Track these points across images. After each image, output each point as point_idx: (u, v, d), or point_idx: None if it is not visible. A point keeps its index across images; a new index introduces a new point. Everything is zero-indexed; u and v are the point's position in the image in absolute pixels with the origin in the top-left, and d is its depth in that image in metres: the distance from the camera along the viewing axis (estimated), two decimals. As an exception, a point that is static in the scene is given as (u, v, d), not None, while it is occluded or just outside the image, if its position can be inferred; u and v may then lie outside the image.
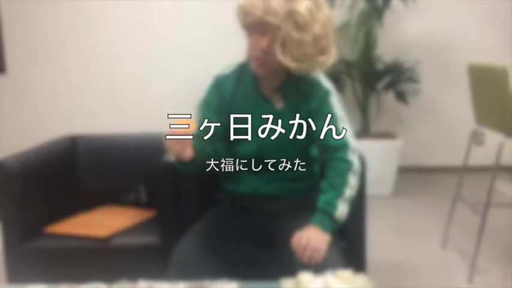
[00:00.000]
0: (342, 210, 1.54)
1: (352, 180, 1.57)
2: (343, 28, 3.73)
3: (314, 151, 1.75)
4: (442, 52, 4.26)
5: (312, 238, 1.46)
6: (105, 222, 2.11)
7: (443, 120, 4.37)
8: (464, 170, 2.84)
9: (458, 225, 3.05)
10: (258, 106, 1.64)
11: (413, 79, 3.81)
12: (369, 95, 3.93)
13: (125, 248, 1.95)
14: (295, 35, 1.46)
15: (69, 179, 2.36)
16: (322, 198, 1.55)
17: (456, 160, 3.61)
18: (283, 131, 1.62)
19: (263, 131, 1.63)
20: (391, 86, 3.89)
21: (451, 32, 4.23)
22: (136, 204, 2.28)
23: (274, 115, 1.63)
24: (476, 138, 2.76)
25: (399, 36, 4.22)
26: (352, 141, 1.61)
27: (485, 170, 3.82)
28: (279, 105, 1.63)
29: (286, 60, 1.50)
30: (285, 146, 1.64)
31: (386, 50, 4.03)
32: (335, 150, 1.58)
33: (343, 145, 1.58)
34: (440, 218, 3.19)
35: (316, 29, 1.47)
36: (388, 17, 3.92)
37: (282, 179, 1.68)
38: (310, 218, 1.55)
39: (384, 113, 4.18)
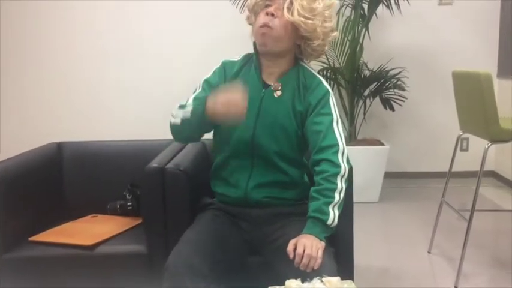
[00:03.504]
0: (333, 215, 1.53)
1: (341, 184, 1.56)
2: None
3: (303, 159, 1.75)
4: (427, 59, 4.30)
5: (307, 245, 1.44)
6: (90, 230, 2.08)
7: (429, 127, 4.41)
8: (450, 176, 2.86)
9: (444, 230, 3.07)
10: (257, 90, 1.67)
11: (399, 86, 3.84)
12: (356, 102, 3.95)
13: (110, 256, 1.92)
14: None
15: (55, 187, 2.33)
16: (313, 206, 1.54)
17: (441, 166, 3.65)
18: (277, 117, 1.65)
19: (258, 115, 1.66)
20: (377, 92, 3.92)
21: (436, 39, 4.28)
22: (122, 212, 2.26)
23: (271, 101, 1.66)
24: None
25: (385, 44, 4.26)
26: (343, 143, 1.61)
27: (470, 175, 3.89)
28: (278, 92, 1.67)
29: (294, 17, 1.57)
30: (277, 134, 1.65)
31: (372, 57, 4.06)
32: (324, 149, 1.58)
33: (333, 146, 1.59)
34: (427, 223, 3.22)
35: (322, 1, 1.61)
36: (374, 25, 3.96)
37: (272, 184, 1.68)
38: (300, 225, 1.54)
39: (370, 120, 4.21)
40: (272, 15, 1.59)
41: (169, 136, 2.09)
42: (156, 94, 4.30)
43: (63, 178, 2.37)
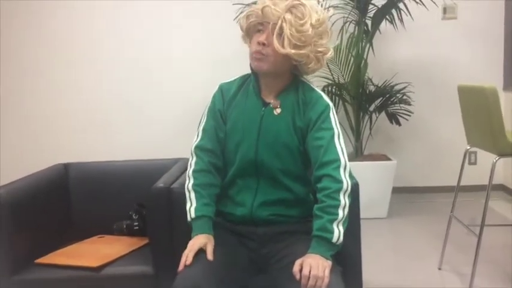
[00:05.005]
0: (338, 232, 1.52)
1: (344, 200, 1.55)
2: (334, 51, 3.77)
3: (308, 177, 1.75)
4: (432, 73, 4.30)
5: (313, 265, 1.43)
6: (97, 251, 2.08)
7: (436, 141, 4.39)
8: (458, 190, 2.84)
9: (454, 245, 3.04)
10: (256, 109, 1.68)
11: (404, 101, 3.83)
12: (361, 117, 3.95)
13: (117, 277, 1.92)
14: (295, 23, 1.55)
15: (61, 208, 2.34)
16: (317, 225, 1.53)
17: (449, 180, 3.62)
18: (279, 135, 1.65)
19: (259, 134, 1.66)
20: (383, 107, 3.91)
21: (441, 53, 4.28)
22: (129, 232, 2.25)
23: (271, 119, 1.66)
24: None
25: (389, 59, 4.26)
26: (345, 158, 1.60)
27: (478, 189, 3.85)
28: (277, 110, 1.67)
29: (286, 49, 1.56)
30: (280, 151, 1.65)
31: (376, 73, 4.07)
32: (325, 165, 1.57)
33: (334, 161, 1.57)
34: (436, 238, 3.18)
35: (313, 19, 1.58)
36: (378, 40, 3.97)
37: (278, 202, 1.68)
38: (306, 243, 1.53)
39: (376, 135, 4.20)
40: (264, 44, 1.60)
41: (175, 155, 2.09)
42: (162, 114, 4.32)
43: (69, 199, 2.38)
